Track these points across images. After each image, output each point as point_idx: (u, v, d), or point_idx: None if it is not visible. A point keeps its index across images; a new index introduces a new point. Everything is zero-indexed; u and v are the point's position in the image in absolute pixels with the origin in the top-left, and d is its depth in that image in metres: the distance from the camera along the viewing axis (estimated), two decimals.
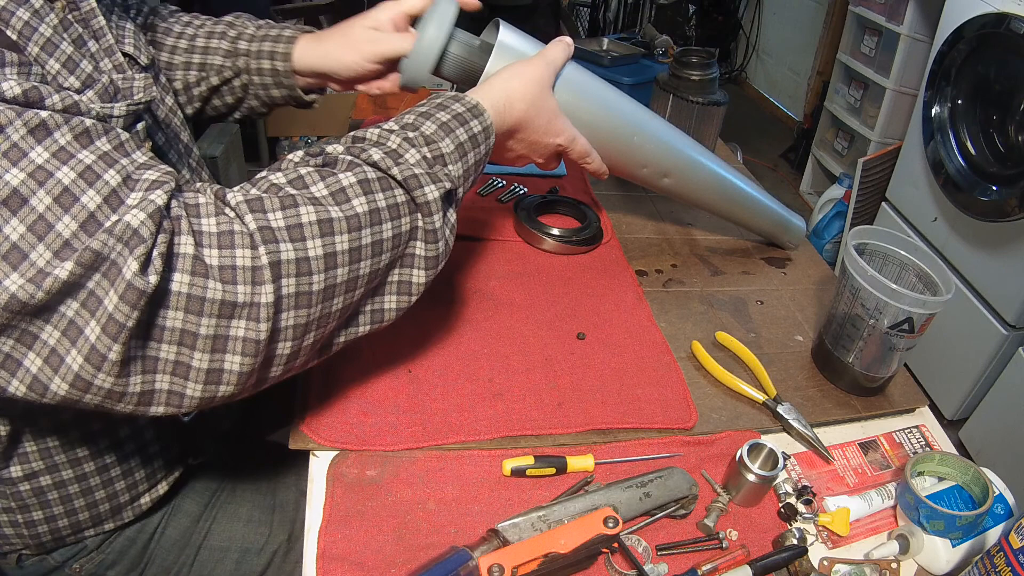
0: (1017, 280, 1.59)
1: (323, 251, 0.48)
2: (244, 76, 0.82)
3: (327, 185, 0.50)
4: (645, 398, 0.72)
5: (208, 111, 0.88)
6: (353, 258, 0.50)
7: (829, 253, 2.39)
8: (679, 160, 0.81)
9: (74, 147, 0.43)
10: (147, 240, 0.41)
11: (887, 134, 2.35)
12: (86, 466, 0.63)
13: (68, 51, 0.49)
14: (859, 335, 0.73)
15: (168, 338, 0.44)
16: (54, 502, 0.63)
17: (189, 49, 0.82)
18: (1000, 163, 1.63)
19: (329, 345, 0.55)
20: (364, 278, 0.52)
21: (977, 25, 1.60)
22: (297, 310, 0.47)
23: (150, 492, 0.70)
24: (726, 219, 0.94)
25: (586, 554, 0.55)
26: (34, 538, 0.65)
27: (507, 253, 0.92)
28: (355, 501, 0.59)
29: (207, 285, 0.43)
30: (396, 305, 0.57)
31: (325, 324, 0.51)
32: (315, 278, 0.48)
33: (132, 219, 0.41)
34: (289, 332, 0.48)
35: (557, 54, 0.69)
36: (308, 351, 0.51)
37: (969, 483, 0.64)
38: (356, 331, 0.56)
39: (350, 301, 0.52)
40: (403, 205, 0.53)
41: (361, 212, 0.50)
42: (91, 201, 0.42)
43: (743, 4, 3.81)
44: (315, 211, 0.48)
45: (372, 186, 0.51)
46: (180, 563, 0.74)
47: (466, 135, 0.58)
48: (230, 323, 0.44)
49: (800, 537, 0.60)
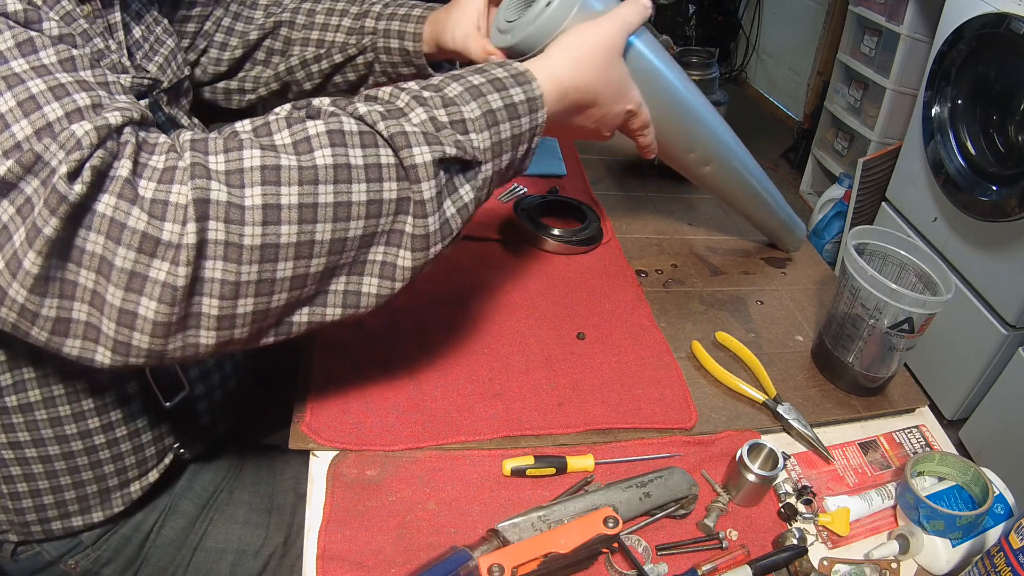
0: (1017, 280, 1.59)
1: (262, 200, 0.42)
2: (369, 54, 0.80)
3: (292, 133, 0.45)
4: (645, 398, 0.72)
5: (330, 88, 0.86)
6: (304, 216, 0.43)
7: (829, 253, 2.39)
8: (724, 150, 0.79)
9: (55, 67, 0.43)
10: (84, 150, 0.40)
11: (887, 134, 2.35)
12: (73, 444, 0.63)
13: (84, 26, 0.52)
14: (859, 335, 0.73)
15: (87, 263, 0.41)
16: (39, 476, 0.63)
17: (308, 25, 0.81)
18: (1000, 163, 1.63)
19: (286, 323, 0.48)
20: (323, 245, 0.45)
21: (977, 25, 1.59)
22: (225, 262, 0.42)
23: (140, 480, 0.70)
24: (742, 213, 0.92)
25: (586, 554, 0.55)
26: (20, 517, 0.64)
27: (507, 253, 0.92)
28: (355, 501, 0.59)
29: (131, 212, 0.41)
30: (376, 290, 0.50)
31: (268, 291, 0.44)
32: (247, 229, 0.42)
33: (77, 128, 0.41)
34: (215, 287, 0.42)
35: (632, 16, 0.60)
36: (249, 321, 0.45)
37: (969, 483, 0.64)
38: (324, 313, 0.49)
39: (303, 270, 0.45)
40: (388, 168, 0.46)
41: (321, 164, 0.44)
42: (52, 112, 0.41)
43: (743, 4, 3.81)
44: (260, 156, 0.43)
45: (347, 139, 0.45)
46: (176, 563, 0.74)
47: (501, 102, 0.51)
48: (151, 261, 0.41)
49: (800, 537, 0.60)
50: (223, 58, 0.83)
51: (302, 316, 0.49)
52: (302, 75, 0.83)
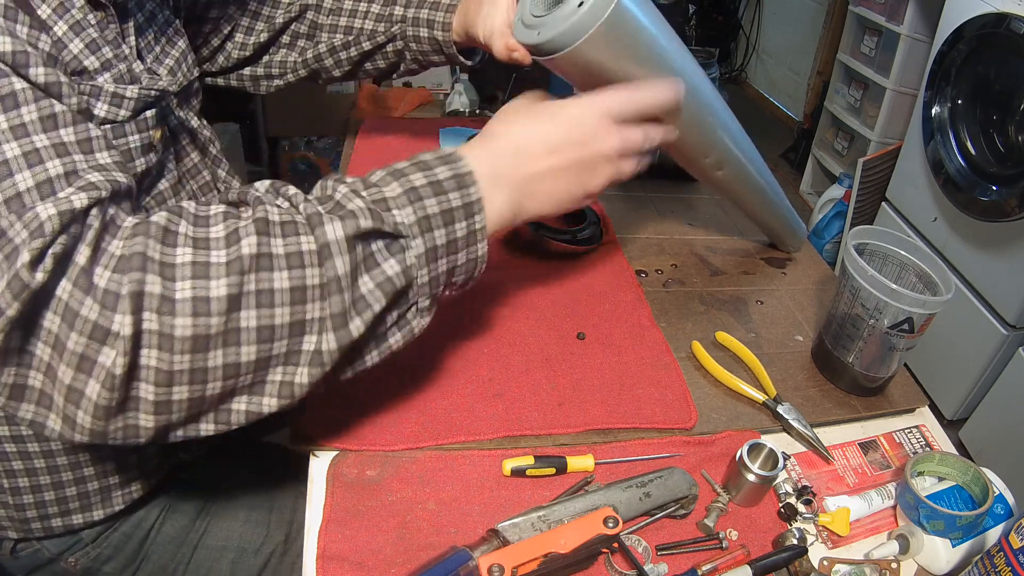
0: (1017, 280, 1.59)
1: (191, 293, 0.42)
2: (399, 42, 0.79)
3: (226, 227, 0.46)
4: (645, 398, 0.72)
5: (359, 75, 0.85)
6: (232, 305, 0.43)
7: (829, 253, 2.39)
8: (739, 154, 0.77)
9: (34, 127, 0.43)
10: (47, 236, 0.40)
11: (887, 134, 2.35)
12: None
13: (94, 35, 0.53)
14: (859, 335, 0.73)
15: (44, 338, 0.43)
16: (40, 472, 0.63)
17: (336, 11, 0.80)
18: (1000, 163, 1.63)
19: (223, 411, 0.48)
20: (249, 332, 0.44)
21: (977, 25, 1.60)
22: (160, 351, 0.42)
23: (141, 479, 0.70)
24: (747, 214, 0.92)
25: (586, 554, 0.55)
26: (20, 513, 0.64)
27: (507, 253, 0.92)
28: (355, 501, 0.59)
29: (84, 301, 0.42)
30: (308, 379, 0.48)
31: (202, 380, 0.44)
32: (179, 320, 0.42)
33: (42, 211, 0.41)
34: (151, 374, 0.43)
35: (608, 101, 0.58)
36: (185, 408, 0.45)
37: (969, 483, 0.64)
38: (260, 403, 0.48)
39: (234, 359, 0.45)
40: (310, 254, 0.46)
41: (246, 254, 0.44)
42: (23, 182, 0.42)
43: (743, 4, 3.81)
44: (192, 253, 0.44)
45: (270, 228, 0.46)
46: (176, 561, 0.74)
47: (425, 180, 0.50)
48: (100, 348, 0.42)
49: (800, 537, 0.60)
50: (248, 42, 0.83)
51: (240, 404, 0.48)
52: (331, 62, 0.82)
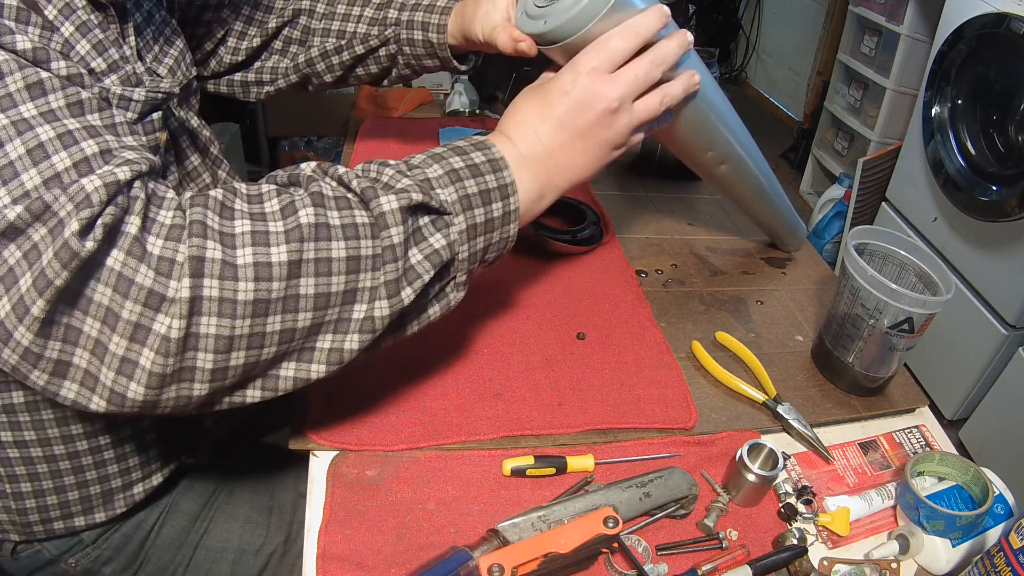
0: (1017, 280, 1.59)
1: (253, 259, 0.44)
2: (392, 46, 0.79)
3: (280, 201, 0.48)
4: (645, 398, 0.72)
5: (351, 80, 0.85)
6: (292, 272, 0.45)
7: (829, 253, 2.39)
8: (741, 151, 0.77)
9: (63, 112, 0.44)
10: (95, 207, 0.41)
11: (887, 134, 2.35)
12: (79, 444, 0.63)
13: (100, 36, 0.53)
14: (859, 335, 0.73)
15: (94, 312, 0.43)
16: (43, 475, 0.63)
17: (329, 15, 0.80)
18: (1000, 163, 1.63)
19: (271, 376, 0.49)
20: (307, 299, 0.47)
21: (977, 25, 1.60)
22: (220, 317, 0.44)
23: (143, 482, 0.70)
24: (747, 213, 0.92)
25: (586, 554, 0.55)
26: (22, 516, 0.64)
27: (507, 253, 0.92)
28: (355, 501, 0.59)
29: (139, 269, 0.42)
30: (358, 345, 0.50)
31: (259, 344, 0.46)
32: (241, 285, 0.44)
33: (88, 183, 0.41)
34: (209, 342, 0.44)
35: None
36: (240, 372, 0.46)
37: (969, 483, 0.64)
38: (309, 370, 0.50)
39: (291, 324, 0.47)
40: (364, 227, 0.48)
41: (305, 223, 0.46)
42: (61, 162, 0.42)
43: (743, 4, 3.81)
44: (251, 224, 0.46)
45: (326, 202, 0.48)
46: (177, 562, 0.74)
47: (463, 163, 0.54)
48: (155, 315, 0.42)
49: (800, 537, 0.60)
50: (240, 47, 0.83)
51: (288, 371, 0.50)
52: (322, 67, 0.82)
